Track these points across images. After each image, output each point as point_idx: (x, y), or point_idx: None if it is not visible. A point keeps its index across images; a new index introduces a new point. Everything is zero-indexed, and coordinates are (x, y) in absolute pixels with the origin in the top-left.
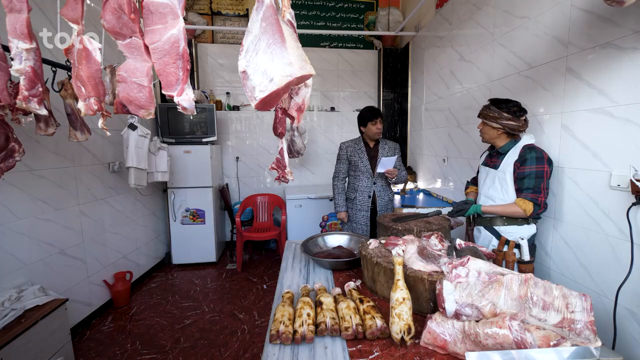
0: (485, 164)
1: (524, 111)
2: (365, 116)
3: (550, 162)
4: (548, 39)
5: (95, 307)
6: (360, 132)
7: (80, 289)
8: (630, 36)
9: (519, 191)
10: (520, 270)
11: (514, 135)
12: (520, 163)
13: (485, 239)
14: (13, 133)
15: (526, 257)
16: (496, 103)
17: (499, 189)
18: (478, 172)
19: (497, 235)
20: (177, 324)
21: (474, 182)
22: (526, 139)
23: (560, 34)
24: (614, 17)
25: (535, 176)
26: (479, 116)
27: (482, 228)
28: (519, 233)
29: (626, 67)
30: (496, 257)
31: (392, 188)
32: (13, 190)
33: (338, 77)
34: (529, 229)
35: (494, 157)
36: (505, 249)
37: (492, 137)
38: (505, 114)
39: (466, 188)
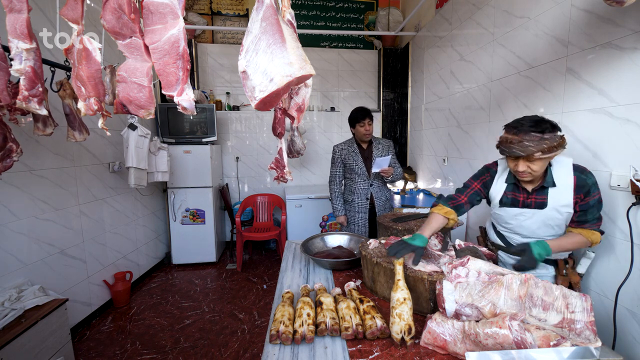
0: (514, 204)
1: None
2: (354, 117)
3: None
4: (548, 39)
5: (95, 307)
6: (352, 133)
7: (80, 289)
8: (630, 36)
9: (579, 223)
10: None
11: None
12: (584, 194)
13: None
14: (11, 133)
15: (583, 270)
16: (536, 126)
17: (548, 228)
18: (468, 193)
19: (551, 261)
20: (177, 324)
21: (452, 201)
22: (562, 160)
23: (560, 34)
24: (614, 17)
25: (598, 202)
26: (539, 152)
27: None
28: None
29: (626, 67)
30: (557, 283)
31: (391, 188)
32: (13, 190)
33: (338, 77)
34: None
35: (531, 194)
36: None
37: (542, 171)
38: (555, 135)
39: (434, 205)
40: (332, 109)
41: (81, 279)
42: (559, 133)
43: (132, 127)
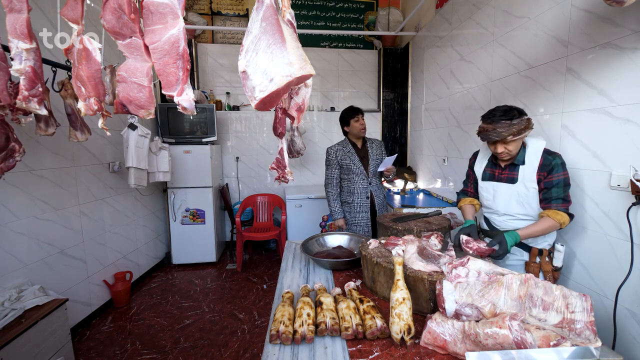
0: (491, 178)
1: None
2: (347, 114)
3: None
4: (548, 39)
5: (95, 307)
6: (345, 133)
7: (80, 289)
8: (630, 36)
9: (546, 201)
10: (554, 278)
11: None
12: (547, 172)
13: (514, 253)
14: (13, 133)
15: (560, 263)
16: (505, 114)
17: (520, 204)
18: (470, 181)
19: (525, 247)
20: (177, 324)
21: (467, 192)
22: (535, 142)
23: (560, 34)
24: (614, 17)
25: (564, 184)
26: (509, 136)
27: None
28: (547, 240)
29: (626, 67)
30: (530, 270)
31: (390, 187)
32: (13, 190)
33: (338, 77)
34: (553, 234)
35: (504, 170)
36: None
37: (517, 150)
38: (522, 120)
39: (458, 201)
40: (332, 109)
41: (81, 279)
42: (525, 117)
43: (132, 127)
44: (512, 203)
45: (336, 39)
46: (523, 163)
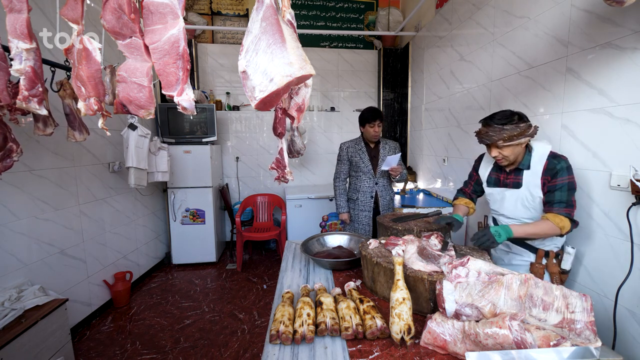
0: (497, 183)
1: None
2: (365, 117)
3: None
4: (548, 39)
5: (95, 307)
6: (361, 131)
7: (80, 289)
8: (630, 36)
9: (548, 204)
10: (561, 280)
11: (527, 147)
12: (551, 176)
13: (519, 254)
14: (11, 133)
15: (568, 266)
16: (504, 118)
17: (526, 209)
18: (471, 182)
19: (532, 248)
20: (177, 324)
21: (464, 193)
22: (541, 146)
23: (560, 34)
24: (614, 17)
25: (568, 188)
26: (499, 141)
27: (510, 243)
28: (555, 242)
29: (626, 67)
30: (535, 271)
31: (393, 188)
32: (13, 190)
33: (338, 77)
34: (563, 237)
35: (510, 175)
36: (544, 261)
37: (518, 155)
38: (522, 125)
39: (455, 198)
40: (332, 109)
41: (81, 279)
42: (523, 124)
43: (132, 127)
44: (518, 207)
45: (336, 39)
46: (528, 168)
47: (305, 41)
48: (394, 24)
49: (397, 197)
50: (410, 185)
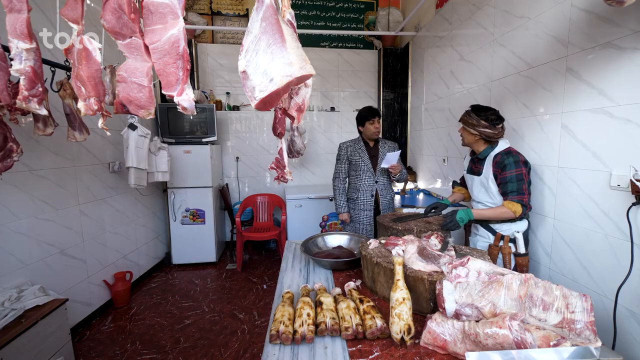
0: (469, 170)
1: (501, 119)
2: (364, 115)
3: (526, 163)
4: (548, 39)
5: (95, 307)
6: (359, 132)
7: (80, 289)
8: (630, 36)
9: (504, 194)
10: (517, 263)
11: (491, 142)
12: (500, 169)
13: (483, 236)
14: (11, 133)
15: (522, 249)
16: (476, 110)
17: (486, 194)
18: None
19: (493, 232)
20: (177, 324)
21: (458, 183)
22: (501, 144)
23: (560, 34)
24: (614, 17)
25: (517, 179)
26: (459, 120)
27: (479, 226)
28: (514, 228)
29: (626, 67)
30: (491, 252)
31: (393, 187)
32: (13, 190)
33: (338, 77)
34: (522, 224)
35: (476, 164)
36: (501, 243)
37: (470, 141)
38: (482, 122)
39: (453, 188)
40: (332, 109)
41: (81, 279)
42: (485, 121)
43: (132, 127)
44: (481, 191)
45: (336, 39)
46: (485, 159)
47: (305, 41)
48: (394, 24)
49: (397, 197)
50: (410, 185)
